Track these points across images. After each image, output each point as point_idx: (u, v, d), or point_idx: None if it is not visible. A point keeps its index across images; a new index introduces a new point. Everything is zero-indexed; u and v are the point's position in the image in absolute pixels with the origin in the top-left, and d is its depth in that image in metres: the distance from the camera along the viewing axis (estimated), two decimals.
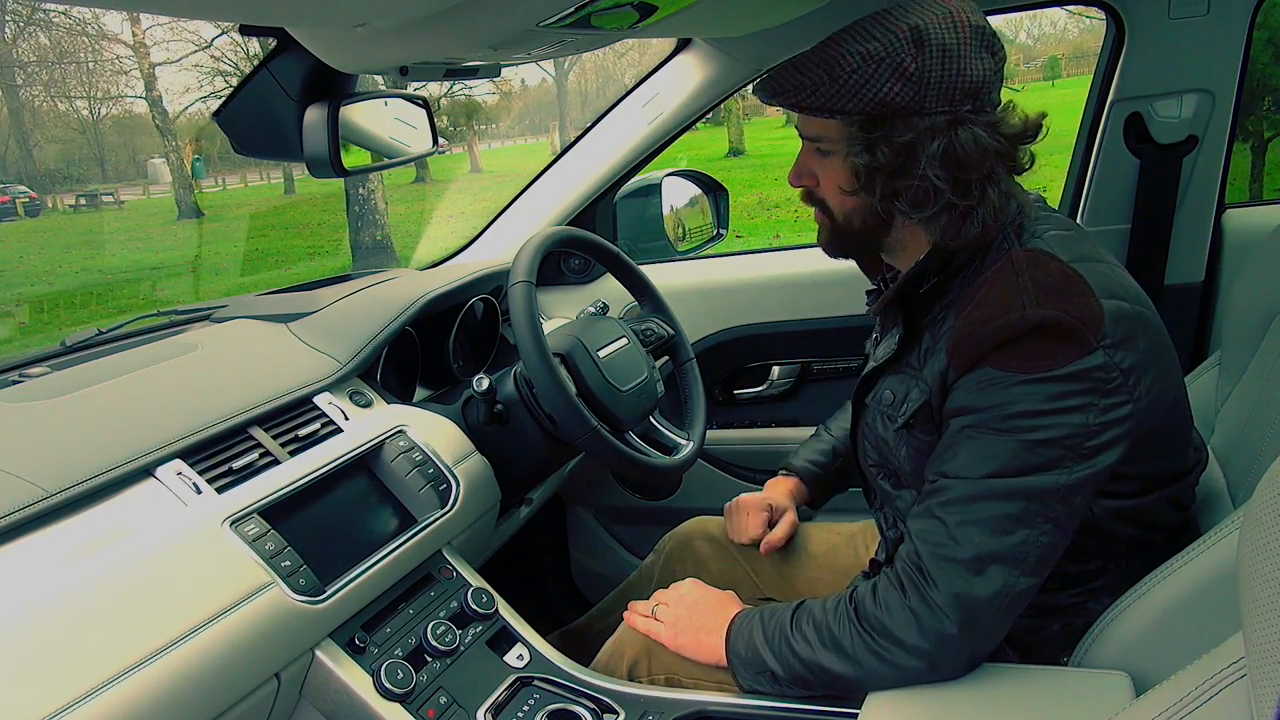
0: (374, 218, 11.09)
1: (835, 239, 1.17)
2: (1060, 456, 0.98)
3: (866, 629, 1.04)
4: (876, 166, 1.05)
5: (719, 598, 1.24)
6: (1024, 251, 1.05)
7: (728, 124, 16.27)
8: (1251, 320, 1.30)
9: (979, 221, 1.05)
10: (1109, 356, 0.98)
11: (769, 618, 1.14)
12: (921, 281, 1.11)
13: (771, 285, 2.05)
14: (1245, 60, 1.72)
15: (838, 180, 1.11)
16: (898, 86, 1.02)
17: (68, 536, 0.99)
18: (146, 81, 15.09)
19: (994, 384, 1.00)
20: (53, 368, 1.34)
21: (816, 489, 1.54)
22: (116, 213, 16.12)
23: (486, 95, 20.84)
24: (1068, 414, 0.98)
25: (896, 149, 1.03)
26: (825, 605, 1.10)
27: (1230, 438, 1.23)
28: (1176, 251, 1.80)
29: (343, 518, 1.24)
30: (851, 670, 1.05)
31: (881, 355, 1.17)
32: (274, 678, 1.06)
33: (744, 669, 1.14)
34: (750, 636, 1.14)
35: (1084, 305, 0.99)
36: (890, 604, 1.03)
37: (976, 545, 0.98)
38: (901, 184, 1.05)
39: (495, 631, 1.29)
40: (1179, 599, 0.98)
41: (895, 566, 1.04)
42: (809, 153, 1.15)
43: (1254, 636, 0.55)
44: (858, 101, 1.03)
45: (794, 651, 1.08)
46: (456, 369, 1.70)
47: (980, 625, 0.99)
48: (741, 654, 1.14)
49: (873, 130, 1.04)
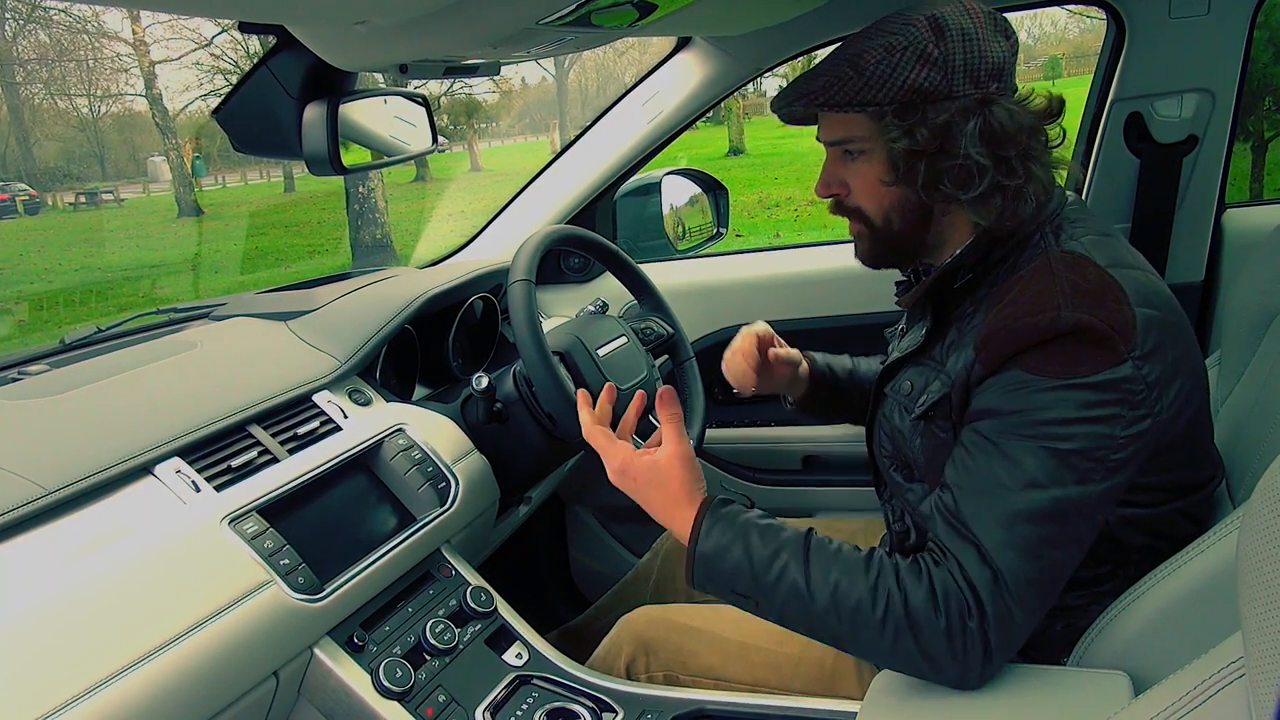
0: (374, 216, 11.09)
1: (876, 246, 1.15)
2: (1089, 469, 0.96)
3: (900, 632, 0.96)
4: (917, 150, 1.04)
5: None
6: (1062, 254, 1.03)
7: (728, 123, 16.26)
8: (1251, 320, 1.30)
9: (1031, 199, 1.04)
10: (1136, 369, 0.97)
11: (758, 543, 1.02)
12: (956, 276, 1.10)
13: (771, 284, 2.05)
14: (1246, 60, 1.72)
15: (874, 177, 1.09)
16: (924, 72, 1.02)
17: (66, 534, 0.99)
18: (146, 79, 15.08)
19: (1023, 387, 0.97)
20: (52, 365, 1.34)
21: (817, 385, 1.49)
22: (116, 211, 16.11)
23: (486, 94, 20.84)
24: (1096, 424, 0.96)
25: (934, 130, 1.03)
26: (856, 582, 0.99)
27: (1229, 437, 1.23)
28: (1176, 251, 1.80)
29: (341, 516, 1.24)
30: (856, 649, 1.01)
31: (907, 346, 1.16)
32: (272, 676, 1.06)
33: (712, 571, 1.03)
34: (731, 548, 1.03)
35: (1118, 313, 0.97)
36: (927, 625, 0.95)
37: (1017, 571, 0.94)
38: (944, 166, 1.04)
39: (494, 630, 1.29)
40: (1178, 599, 0.98)
41: (937, 592, 0.95)
42: (836, 160, 1.13)
43: (1253, 636, 0.55)
44: (887, 90, 1.03)
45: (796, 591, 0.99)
46: (456, 368, 1.70)
47: (1012, 647, 0.97)
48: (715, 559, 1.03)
49: (907, 116, 1.03)
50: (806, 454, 2.03)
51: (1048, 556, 0.96)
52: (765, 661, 1.23)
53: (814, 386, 1.49)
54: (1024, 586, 0.95)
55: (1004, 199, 1.04)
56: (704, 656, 1.26)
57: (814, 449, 2.03)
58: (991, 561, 0.95)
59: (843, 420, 1.55)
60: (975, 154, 1.02)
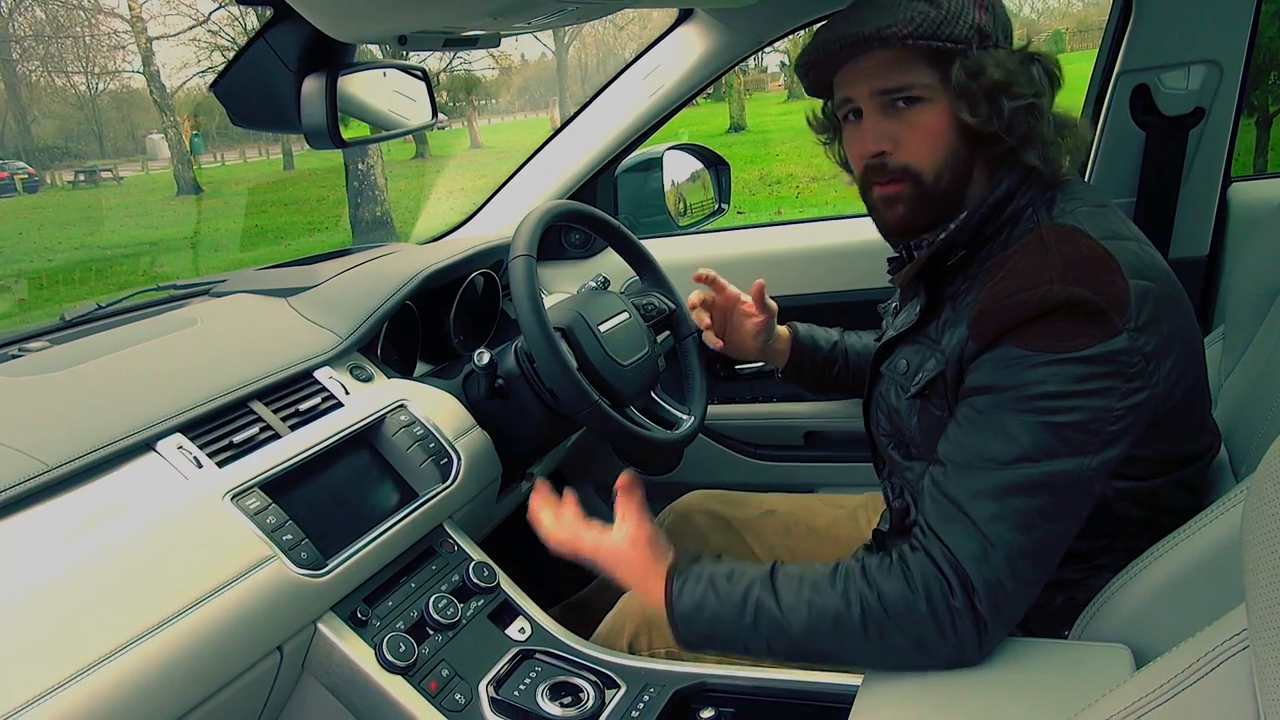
0: (374, 193, 11.06)
1: (920, 208, 1.09)
2: (1084, 442, 0.95)
3: (884, 629, 0.96)
4: (988, 91, 1.02)
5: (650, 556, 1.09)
6: (1054, 226, 1.02)
7: (729, 99, 16.18)
8: (1256, 294, 1.29)
9: (1068, 151, 1.07)
10: (1133, 340, 0.96)
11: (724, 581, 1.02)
12: (950, 253, 1.09)
13: (773, 260, 2.04)
14: (1254, 31, 1.70)
15: (936, 127, 1.06)
16: (984, 15, 1.03)
17: (68, 510, 0.99)
18: (144, 56, 15.01)
19: (1015, 363, 0.96)
20: (52, 342, 1.34)
21: (799, 354, 1.50)
22: (115, 189, 16.08)
23: (486, 70, 20.74)
24: (1091, 397, 0.95)
25: (999, 71, 1.02)
26: (822, 586, 0.99)
27: (1233, 412, 1.22)
28: (1181, 225, 1.79)
29: (344, 492, 1.24)
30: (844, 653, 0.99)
31: (901, 325, 1.15)
32: (276, 651, 1.06)
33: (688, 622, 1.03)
34: (704, 592, 1.02)
35: (1111, 285, 0.96)
36: (907, 615, 0.95)
37: (1009, 544, 0.94)
38: (1006, 111, 1.03)
39: (497, 605, 1.30)
40: (1180, 572, 0.98)
41: (914, 580, 0.95)
42: (882, 112, 1.07)
43: (1257, 609, 0.55)
44: (962, 27, 1.02)
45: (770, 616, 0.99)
46: (457, 344, 1.70)
47: (1008, 618, 0.97)
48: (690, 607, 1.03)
49: (974, 57, 1.02)
50: (808, 430, 2.03)
51: (1041, 529, 0.95)
52: None
53: (794, 355, 1.50)
54: (1017, 558, 0.94)
55: (1053, 149, 1.05)
56: None
57: (816, 425, 2.03)
58: (981, 534, 0.94)
59: (833, 393, 1.55)
60: (1031, 102, 1.03)
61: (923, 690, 0.96)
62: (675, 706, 1.16)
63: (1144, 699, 0.65)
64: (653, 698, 1.16)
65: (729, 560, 1.05)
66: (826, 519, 1.53)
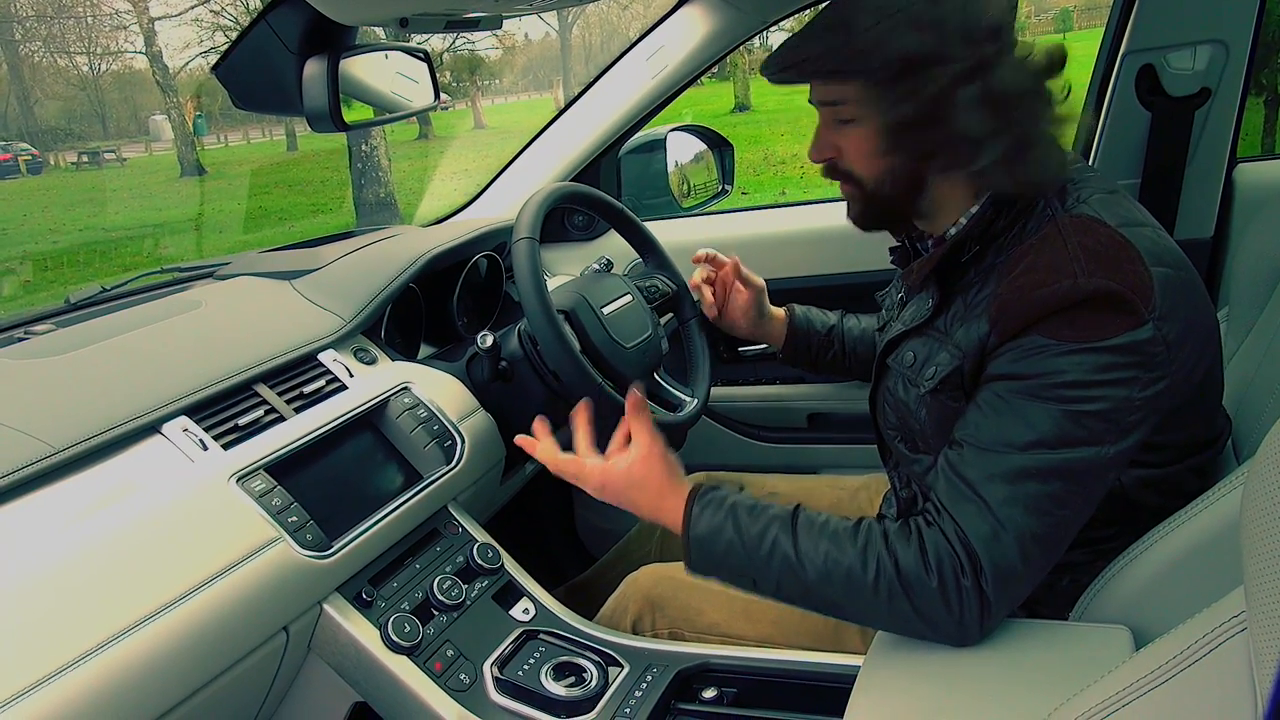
0: (377, 175, 11.03)
1: (867, 210, 1.13)
2: (1104, 431, 0.95)
3: (894, 595, 0.97)
4: (907, 123, 1.01)
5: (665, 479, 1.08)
6: (1071, 218, 1.01)
7: (733, 79, 16.09)
8: (1261, 276, 1.28)
9: (1041, 163, 1.01)
10: (1157, 329, 0.95)
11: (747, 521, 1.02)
12: (964, 249, 1.08)
13: (777, 242, 2.03)
14: (1261, 11, 1.69)
15: (865, 145, 1.07)
16: (917, 37, 0.99)
17: (74, 493, 1.00)
18: (146, 36, 14.94)
19: (1040, 352, 0.96)
20: (57, 325, 1.35)
21: (795, 335, 1.51)
22: (119, 170, 16.06)
23: (489, 50, 20.63)
24: (1114, 386, 0.95)
25: (925, 101, 0.99)
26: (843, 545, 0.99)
27: (1236, 394, 1.22)
28: (1186, 206, 1.78)
29: (348, 474, 1.25)
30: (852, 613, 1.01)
31: (910, 319, 1.14)
32: (282, 631, 1.07)
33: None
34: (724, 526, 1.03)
35: (1135, 274, 0.96)
36: (919, 586, 0.96)
37: (1020, 527, 0.94)
38: (937, 137, 1.01)
39: (501, 586, 1.31)
40: (1181, 554, 0.98)
41: (928, 553, 0.96)
42: (827, 124, 1.10)
43: (1256, 591, 0.55)
44: (878, 58, 1.00)
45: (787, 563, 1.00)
46: (460, 326, 1.70)
47: (1012, 601, 0.97)
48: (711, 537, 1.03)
49: (899, 86, 1.00)
50: (811, 412, 2.04)
51: (1055, 514, 0.96)
52: (770, 618, 1.24)
53: (791, 336, 1.51)
54: (1029, 542, 0.95)
55: (1010, 165, 1.01)
56: (709, 613, 1.27)
57: (819, 407, 2.03)
58: (994, 516, 0.95)
59: (832, 375, 1.56)
60: (972, 123, 0.99)
61: (924, 670, 0.97)
62: (678, 687, 1.17)
63: (1142, 680, 0.65)
64: (655, 678, 1.17)
65: (748, 496, 1.06)
66: (829, 500, 1.53)
